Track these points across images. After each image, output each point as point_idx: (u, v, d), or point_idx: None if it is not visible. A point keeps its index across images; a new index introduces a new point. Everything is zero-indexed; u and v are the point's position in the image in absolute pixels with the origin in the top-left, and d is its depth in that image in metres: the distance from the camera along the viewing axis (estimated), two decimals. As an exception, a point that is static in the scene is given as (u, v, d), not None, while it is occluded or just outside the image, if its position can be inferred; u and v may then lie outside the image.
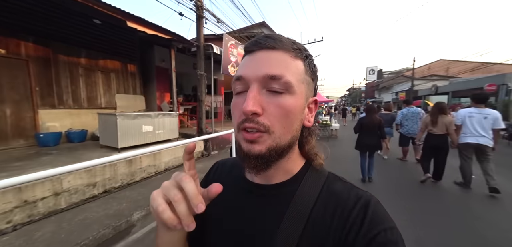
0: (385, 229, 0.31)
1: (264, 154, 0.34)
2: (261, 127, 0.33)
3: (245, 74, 0.35)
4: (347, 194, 0.37)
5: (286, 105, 0.34)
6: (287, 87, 0.34)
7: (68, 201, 2.88)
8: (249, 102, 0.32)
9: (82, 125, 5.24)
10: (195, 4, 5.37)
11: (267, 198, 0.40)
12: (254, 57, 0.36)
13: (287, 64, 0.35)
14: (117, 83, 6.13)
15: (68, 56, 5.02)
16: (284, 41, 0.36)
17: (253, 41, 0.37)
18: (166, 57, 6.85)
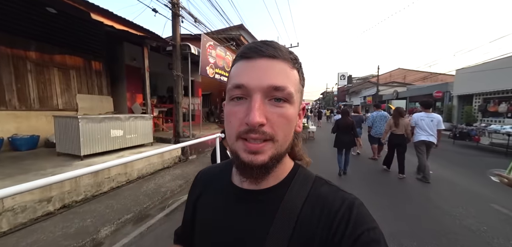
0: (368, 229, 0.33)
1: (267, 163, 0.35)
2: (266, 136, 0.34)
3: (247, 83, 0.34)
4: (333, 197, 0.38)
5: (288, 115, 0.35)
6: (288, 97, 0.35)
7: (13, 222, 2.40)
8: (255, 114, 0.32)
9: (32, 129, 4.49)
10: (171, 1, 5.09)
11: (256, 204, 0.40)
12: (254, 64, 0.35)
13: (288, 75, 0.36)
14: (78, 82, 5.43)
15: (12, 49, 4.26)
16: (283, 50, 0.37)
17: (252, 47, 0.36)
18: (138, 55, 6.33)
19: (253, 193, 0.41)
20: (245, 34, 10.45)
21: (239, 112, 0.35)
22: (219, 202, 0.45)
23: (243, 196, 0.41)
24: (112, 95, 6.31)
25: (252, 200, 0.41)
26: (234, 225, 0.40)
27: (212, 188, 0.49)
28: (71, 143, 3.71)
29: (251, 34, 11.15)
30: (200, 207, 0.48)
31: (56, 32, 4.88)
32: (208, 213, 0.46)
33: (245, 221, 0.40)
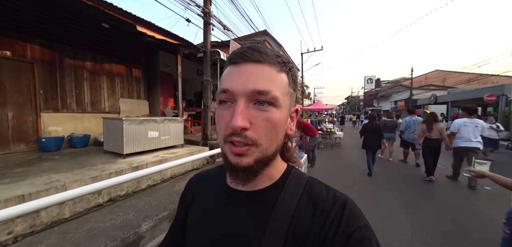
0: (360, 227, 0.34)
1: (252, 166, 0.35)
2: (248, 141, 0.34)
3: (231, 88, 0.35)
4: (325, 196, 0.39)
5: (273, 119, 0.35)
6: (273, 101, 0.35)
7: (73, 210, 2.72)
8: (237, 118, 0.32)
9: (85, 129, 5.11)
10: (203, 10, 5.39)
11: (251, 205, 0.41)
12: (240, 69, 0.36)
13: (273, 79, 0.36)
14: (121, 88, 6.04)
15: (74, 59, 4.94)
16: (269, 54, 0.37)
17: (238, 53, 0.37)
18: (171, 62, 6.81)
19: (247, 194, 0.41)
20: (269, 39, 10.54)
21: (226, 116, 0.36)
22: (213, 203, 0.45)
23: (237, 197, 0.42)
24: (147, 99, 6.88)
25: (246, 201, 0.41)
26: (229, 226, 0.41)
27: (206, 190, 0.49)
28: (116, 142, 4.10)
29: (274, 39, 11.22)
30: (194, 210, 0.48)
31: (107, 44, 5.53)
32: (202, 215, 0.46)
33: (239, 222, 0.40)
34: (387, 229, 2.58)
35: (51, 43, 4.53)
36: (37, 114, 4.39)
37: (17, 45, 4.09)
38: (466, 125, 3.92)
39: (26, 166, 3.30)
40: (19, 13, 4.07)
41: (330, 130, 8.47)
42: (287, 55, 15.59)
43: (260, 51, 0.37)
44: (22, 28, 4.13)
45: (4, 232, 2.09)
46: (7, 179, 2.72)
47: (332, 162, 6.07)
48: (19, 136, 4.18)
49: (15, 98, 4.11)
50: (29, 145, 4.30)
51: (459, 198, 3.53)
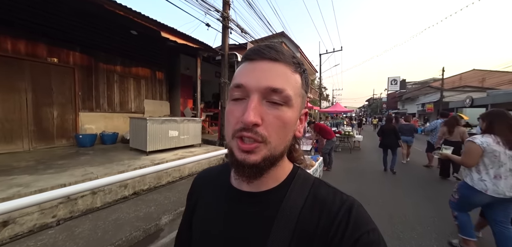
0: (367, 231, 0.33)
1: (259, 164, 0.35)
2: (258, 137, 0.33)
3: (246, 83, 0.35)
4: (332, 198, 0.38)
5: (284, 118, 0.35)
6: (286, 100, 0.35)
7: (103, 200, 3.01)
8: (250, 113, 0.32)
9: (114, 128, 5.60)
10: (222, 15, 5.58)
11: (256, 206, 0.40)
12: (255, 66, 0.36)
13: (288, 78, 0.36)
14: (146, 89, 6.51)
15: (106, 64, 5.47)
16: (285, 54, 0.37)
17: (255, 50, 0.37)
18: (191, 65, 7.15)
19: (252, 195, 0.40)
20: (286, 41, 10.49)
21: (237, 111, 0.35)
22: (217, 204, 0.44)
23: (242, 198, 0.41)
24: (169, 100, 7.30)
25: (251, 202, 0.40)
26: (233, 228, 0.40)
27: (210, 190, 0.48)
28: (140, 140, 4.43)
29: (292, 41, 11.13)
30: (198, 210, 0.48)
31: (134, 49, 6.02)
32: (206, 216, 0.45)
33: (244, 224, 0.39)
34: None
35: (89, 50, 5.09)
36: (76, 113, 4.94)
37: (62, 53, 4.67)
38: None
39: (66, 159, 3.73)
40: (65, 25, 4.65)
41: (349, 133, 8.12)
42: (304, 56, 15.34)
43: (276, 49, 0.37)
44: (67, 38, 4.71)
45: (49, 215, 2.40)
46: (52, 169, 3.11)
47: (349, 166, 5.82)
48: (61, 132, 4.75)
49: (59, 99, 4.68)
50: (69, 141, 4.85)
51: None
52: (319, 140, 5.49)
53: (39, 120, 4.45)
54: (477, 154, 1.88)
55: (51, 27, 4.45)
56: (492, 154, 1.82)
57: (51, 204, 2.40)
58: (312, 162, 3.13)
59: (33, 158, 3.73)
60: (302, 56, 14.18)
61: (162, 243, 2.42)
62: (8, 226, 2.09)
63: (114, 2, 3.73)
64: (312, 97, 17.53)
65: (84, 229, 2.39)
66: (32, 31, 4.25)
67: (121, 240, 2.25)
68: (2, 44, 3.94)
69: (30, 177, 2.79)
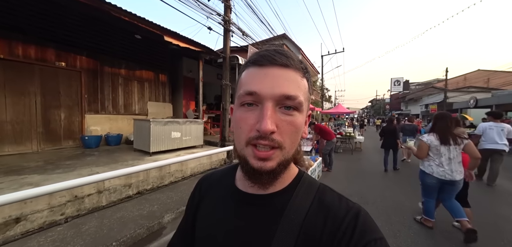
0: (375, 239, 0.33)
1: (275, 169, 0.35)
2: (275, 144, 0.34)
3: (259, 91, 0.34)
4: (338, 205, 0.38)
5: (297, 123, 0.36)
6: (298, 106, 0.35)
7: (108, 199, 3.12)
8: (268, 121, 0.32)
9: (118, 129, 5.73)
10: (223, 19, 5.70)
11: (261, 208, 0.40)
12: (266, 72, 0.35)
13: (299, 84, 0.36)
14: (149, 92, 6.65)
15: (111, 68, 5.62)
16: (295, 59, 0.37)
17: (265, 55, 0.36)
18: (193, 67, 7.28)
19: (258, 198, 0.40)
20: (288, 43, 10.56)
21: (250, 118, 0.35)
22: (222, 207, 0.44)
23: (248, 201, 0.41)
24: (171, 102, 7.43)
25: (257, 205, 0.40)
26: (238, 231, 0.40)
27: (214, 193, 0.48)
28: (144, 141, 4.54)
29: (294, 43, 11.20)
30: (202, 212, 0.47)
31: (138, 53, 6.16)
32: (210, 219, 0.45)
33: (248, 226, 0.39)
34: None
35: (95, 54, 5.25)
36: (82, 115, 5.09)
37: (69, 57, 4.83)
38: (491, 128, 4.20)
39: (73, 160, 3.86)
40: (72, 31, 4.82)
41: (350, 134, 8.13)
42: (306, 58, 15.39)
43: (287, 55, 0.36)
44: (74, 43, 4.87)
45: (58, 213, 2.51)
46: (60, 169, 3.23)
47: (350, 166, 5.85)
48: (68, 134, 4.90)
49: (66, 102, 4.84)
50: (76, 142, 5.00)
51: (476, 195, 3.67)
52: (320, 141, 5.53)
53: (47, 122, 4.61)
54: (425, 148, 2.49)
55: (59, 33, 4.63)
56: (434, 148, 2.43)
57: (59, 201, 2.51)
58: (311, 162, 3.19)
59: (42, 158, 3.87)
60: (304, 58, 14.25)
61: (165, 240, 2.51)
62: (20, 222, 2.20)
63: (119, 9, 3.87)
64: (314, 99, 17.55)
65: (91, 226, 2.49)
66: (42, 36, 4.42)
67: (125, 237, 2.34)
68: (14, 50, 4.11)
69: (39, 176, 2.91)
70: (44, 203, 2.40)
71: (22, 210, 2.23)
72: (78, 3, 3.53)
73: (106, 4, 3.72)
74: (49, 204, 2.44)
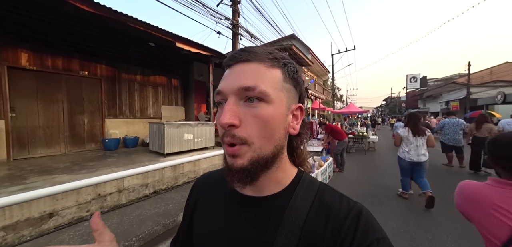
0: (377, 239, 0.32)
1: (247, 167, 0.34)
2: (237, 140, 0.33)
3: (222, 88, 0.36)
4: (338, 205, 0.37)
5: (263, 115, 0.34)
6: (262, 97, 0.34)
7: (127, 198, 3.33)
8: (225, 115, 0.33)
9: (135, 132, 6.06)
10: (232, 23, 5.84)
11: (259, 211, 0.39)
12: (231, 71, 0.37)
13: (262, 75, 0.35)
14: (163, 96, 6.96)
15: (128, 74, 5.98)
16: (258, 52, 0.37)
17: (230, 56, 0.38)
18: (204, 71, 7.50)
19: (256, 200, 0.39)
20: (296, 43, 10.52)
21: (219, 115, 0.36)
22: (219, 208, 0.43)
23: (245, 203, 0.40)
24: (184, 105, 7.70)
25: (255, 207, 0.39)
26: (236, 234, 0.39)
27: (211, 194, 0.47)
28: (159, 144, 4.77)
29: (302, 43, 11.12)
30: (198, 214, 0.47)
31: (152, 59, 6.49)
32: (207, 221, 0.44)
33: (247, 229, 0.38)
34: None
35: (113, 62, 5.62)
36: (103, 120, 5.46)
37: (91, 66, 5.23)
38: (510, 124, 4.51)
39: (96, 161, 4.16)
40: (94, 42, 5.21)
41: (363, 134, 7.91)
42: (316, 57, 15.18)
43: (249, 51, 0.37)
44: (95, 53, 5.26)
45: (84, 210, 2.74)
46: (85, 170, 3.51)
47: (363, 167, 5.70)
48: (91, 137, 5.28)
49: (89, 107, 5.22)
50: (97, 145, 5.37)
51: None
52: (331, 141, 5.46)
53: (73, 127, 5.01)
54: (399, 139, 3.45)
55: (82, 44, 5.03)
56: (406, 138, 3.33)
57: (85, 199, 2.74)
58: (321, 162, 3.17)
59: (69, 160, 4.22)
60: (313, 57, 14.06)
61: (179, 238, 2.64)
62: (53, 217, 2.44)
63: (135, 19, 4.13)
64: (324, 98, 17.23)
65: (113, 223, 2.69)
66: (68, 48, 4.83)
67: (144, 233, 2.50)
68: (44, 62, 4.54)
69: (68, 176, 3.18)
70: (73, 200, 2.64)
71: (54, 206, 2.47)
72: (100, 17, 3.82)
73: (123, 16, 3.99)
74: (77, 201, 2.67)
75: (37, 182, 2.85)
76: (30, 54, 4.35)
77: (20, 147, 4.30)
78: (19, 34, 4.18)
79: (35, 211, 2.33)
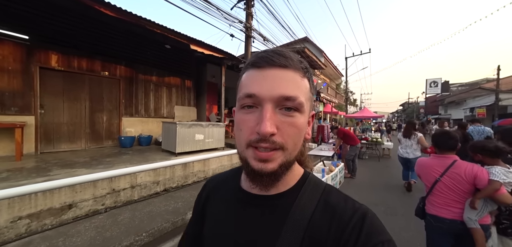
0: (382, 242, 0.32)
1: (277, 171, 0.35)
2: (276, 145, 0.34)
3: (258, 92, 0.34)
4: (343, 206, 0.37)
5: (298, 124, 0.35)
6: (299, 107, 0.35)
7: (139, 194, 3.45)
8: (267, 124, 0.32)
9: (149, 131, 6.30)
10: (245, 25, 5.90)
11: (266, 209, 0.40)
12: (265, 74, 0.35)
13: (299, 84, 0.35)
14: (176, 96, 7.19)
15: (144, 75, 6.25)
16: (294, 59, 0.37)
17: (263, 57, 0.36)
18: (216, 73, 7.64)
19: (263, 198, 0.40)
20: (309, 46, 10.39)
21: (250, 120, 0.35)
22: (227, 207, 0.44)
23: (253, 202, 0.41)
24: (196, 106, 7.89)
25: (262, 205, 0.40)
26: (243, 231, 0.40)
27: (220, 193, 0.48)
28: (171, 143, 4.90)
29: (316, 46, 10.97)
30: (208, 213, 0.48)
31: (167, 61, 6.74)
32: (216, 219, 0.45)
33: (253, 227, 0.39)
34: None
35: (131, 63, 5.91)
36: (120, 118, 5.75)
37: (111, 67, 5.54)
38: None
39: (112, 157, 4.37)
40: (115, 44, 5.53)
41: (377, 139, 7.57)
42: (329, 60, 14.89)
43: (285, 56, 0.36)
44: (115, 54, 5.58)
45: (99, 203, 2.88)
46: (102, 165, 3.69)
47: (375, 174, 5.44)
48: (108, 135, 5.57)
49: (108, 106, 5.53)
50: (114, 142, 5.65)
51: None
52: (343, 146, 5.29)
53: (93, 124, 5.32)
54: (398, 141, 4.49)
55: (104, 46, 5.35)
56: (400, 139, 4.36)
57: (101, 193, 2.88)
58: (331, 167, 3.07)
59: (88, 155, 4.48)
60: (326, 60, 13.80)
61: (187, 236, 2.68)
62: (72, 209, 2.59)
63: (153, 23, 4.32)
64: (337, 102, 16.80)
65: (125, 217, 2.79)
66: (91, 50, 5.17)
67: (153, 229, 2.57)
68: (71, 63, 4.89)
69: (87, 170, 3.37)
70: (90, 193, 2.78)
71: (73, 198, 2.62)
72: (122, 21, 4.05)
73: (143, 20, 4.19)
74: (94, 194, 2.82)
75: (60, 174, 3.05)
76: (59, 56, 4.70)
77: (47, 142, 4.64)
78: (50, 37, 4.54)
79: (57, 201, 2.49)
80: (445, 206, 1.49)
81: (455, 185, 1.46)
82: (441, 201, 1.51)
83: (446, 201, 1.49)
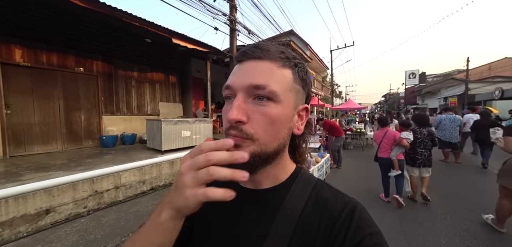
0: (370, 234, 0.33)
1: (248, 161, 0.33)
2: (243, 134, 0.34)
3: (232, 83, 0.36)
4: (334, 200, 0.38)
5: (271, 114, 0.35)
6: (272, 96, 0.35)
7: (125, 194, 3.34)
8: (233, 111, 0.33)
9: (133, 129, 6.04)
10: (229, 18, 5.78)
11: (256, 203, 0.40)
12: (242, 66, 0.37)
13: (273, 74, 0.36)
14: (160, 93, 6.93)
15: (124, 71, 5.93)
16: (271, 50, 0.37)
17: (242, 51, 0.38)
18: (202, 68, 7.46)
19: (254, 192, 0.41)
20: (295, 39, 10.46)
21: (227, 110, 0.36)
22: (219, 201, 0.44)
23: (243, 195, 0.40)
24: (181, 102, 7.67)
25: (252, 200, 0.40)
26: (233, 224, 0.40)
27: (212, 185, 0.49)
28: (156, 141, 4.76)
29: (301, 39, 11.07)
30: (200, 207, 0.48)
31: (149, 56, 6.43)
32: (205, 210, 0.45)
33: (243, 220, 0.39)
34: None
35: (109, 58, 5.56)
36: (100, 117, 5.44)
37: (87, 63, 5.18)
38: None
39: (93, 158, 4.15)
40: (89, 38, 5.15)
41: (360, 130, 7.93)
42: (314, 53, 15.12)
43: (262, 48, 0.37)
44: (91, 49, 5.21)
45: (81, 206, 2.75)
46: (82, 167, 3.50)
47: (360, 162, 5.74)
48: (88, 134, 5.26)
49: (86, 104, 5.19)
50: (94, 142, 5.36)
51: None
52: (328, 137, 5.48)
53: (69, 124, 4.98)
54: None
55: (77, 40, 4.97)
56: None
57: (82, 196, 2.75)
58: (318, 158, 3.18)
59: (66, 157, 4.21)
60: (312, 53, 14.00)
61: (176, 233, 2.65)
62: (50, 213, 2.45)
63: (130, 15, 4.08)
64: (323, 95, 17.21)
65: (110, 219, 2.70)
66: (63, 45, 4.78)
67: (141, 229, 2.52)
68: (39, 58, 4.49)
69: (64, 173, 3.17)
70: (69, 196, 2.64)
71: (51, 202, 2.47)
72: (94, 12, 3.77)
73: (118, 11, 3.93)
74: (74, 197, 2.68)
75: (33, 179, 2.85)
76: (24, 50, 4.30)
77: (16, 144, 4.28)
78: (12, 30, 4.12)
79: (31, 207, 2.34)
80: (384, 152, 3.27)
81: (387, 141, 3.24)
82: (382, 149, 3.29)
83: (384, 149, 3.26)
